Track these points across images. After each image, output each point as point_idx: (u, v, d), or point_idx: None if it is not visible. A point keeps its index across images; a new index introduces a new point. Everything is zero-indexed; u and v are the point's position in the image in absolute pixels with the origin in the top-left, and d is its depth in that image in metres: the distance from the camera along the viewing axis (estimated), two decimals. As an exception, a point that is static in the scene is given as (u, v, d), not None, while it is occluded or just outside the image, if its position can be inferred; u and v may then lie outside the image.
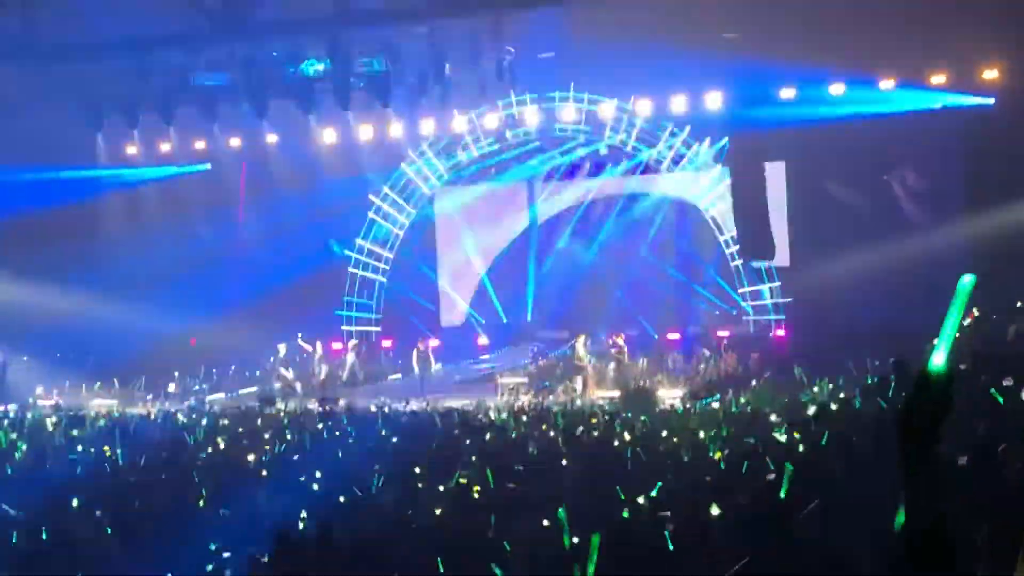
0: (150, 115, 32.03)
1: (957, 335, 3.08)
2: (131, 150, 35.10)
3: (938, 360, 3.03)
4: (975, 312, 23.25)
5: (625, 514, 9.93)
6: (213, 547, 10.43)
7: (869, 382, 19.57)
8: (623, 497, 10.72)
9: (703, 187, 32.40)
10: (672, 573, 7.78)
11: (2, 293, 30.81)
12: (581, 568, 7.55)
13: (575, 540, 8.12)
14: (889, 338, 26.82)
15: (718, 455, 13.40)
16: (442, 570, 8.51)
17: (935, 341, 3.06)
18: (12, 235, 30.67)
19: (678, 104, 31.30)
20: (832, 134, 29.23)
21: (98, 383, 32.61)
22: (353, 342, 33.71)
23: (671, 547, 7.96)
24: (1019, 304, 22.56)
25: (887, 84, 28.92)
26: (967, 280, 3.08)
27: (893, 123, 28.88)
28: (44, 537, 10.99)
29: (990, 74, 27.91)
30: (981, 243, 26.92)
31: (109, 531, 11.14)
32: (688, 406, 23.57)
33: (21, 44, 27.45)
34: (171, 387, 32.76)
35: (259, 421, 23.27)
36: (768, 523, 7.87)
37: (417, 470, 13.75)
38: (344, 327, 35.81)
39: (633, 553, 8.41)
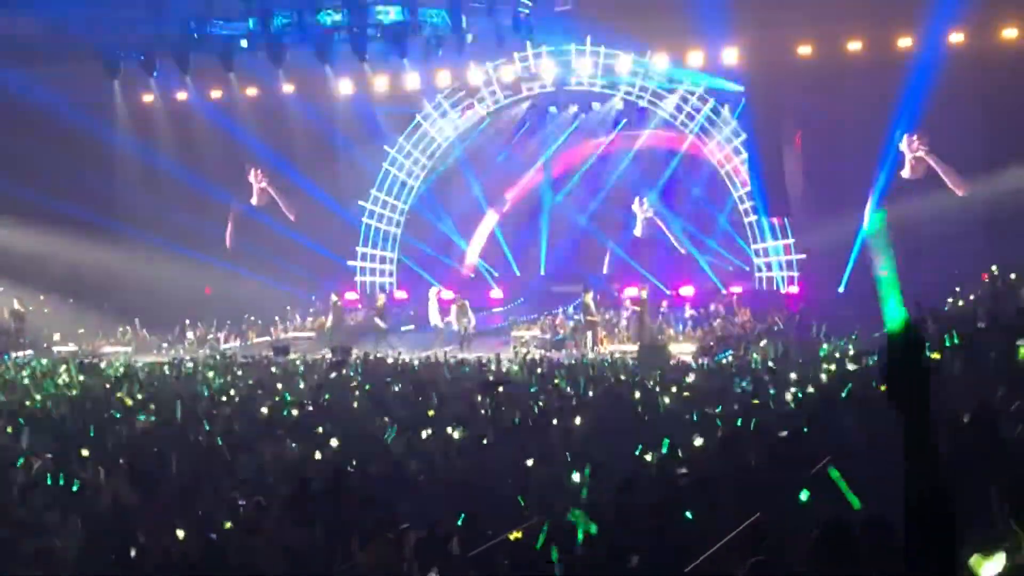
0: (167, 63, 31.95)
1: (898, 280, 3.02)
2: (147, 98, 35.06)
3: (892, 318, 2.98)
4: (994, 270, 23.20)
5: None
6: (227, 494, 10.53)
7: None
8: (637, 452, 10.79)
9: (718, 142, 32.26)
10: (682, 528, 7.84)
11: (18, 239, 30.94)
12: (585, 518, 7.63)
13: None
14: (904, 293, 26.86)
15: (733, 410, 13.44)
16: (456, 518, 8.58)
17: (883, 300, 2.99)
18: (28, 182, 30.74)
19: (695, 59, 31.11)
20: (847, 92, 29.06)
21: (115, 330, 32.86)
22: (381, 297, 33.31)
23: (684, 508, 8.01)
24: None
25: (905, 43, 28.64)
26: (875, 220, 3.00)
27: (908, 80, 28.69)
28: (61, 482, 11.12)
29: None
30: (998, 202, 26.84)
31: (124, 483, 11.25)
32: (701, 361, 23.64)
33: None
34: (189, 336, 32.96)
35: (273, 370, 23.44)
36: (773, 482, 7.94)
37: (429, 421, 13.85)
38: (358, 278, 35.94)
39: (643, 508, 8.48)
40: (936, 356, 13.47)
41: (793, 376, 17.30)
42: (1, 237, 30.72)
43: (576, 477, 9.74)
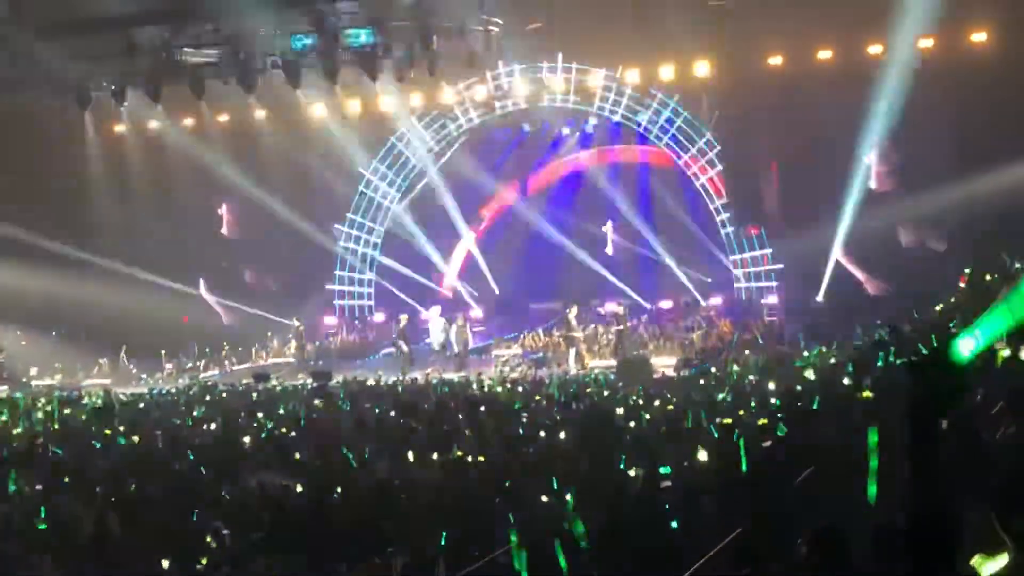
0: (138, 92, 31.84)
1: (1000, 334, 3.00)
2: (119, 128, 34.96)
3: (966, 347, 2.93)
4: (967, 272, 23.32)
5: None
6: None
7: (860, 347, 19.69)
8: (622, 467, 10.78)
9: (693, 155, 32.34)
10: (669, 544, 7.83)
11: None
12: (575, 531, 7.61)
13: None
14: (880, 304, 27.05)
15: (715, 423, 13.42)
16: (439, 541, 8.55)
17: (968, 328, 2.96)
18: (1, 216, 30.65)
19: (667, 72, 31.23)
20: (820, 100, 29.27)
21: (94, 362, 32.70)
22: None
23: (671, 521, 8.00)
24: (1018, 265, 22.56)
25: (875, 49, 28.80)
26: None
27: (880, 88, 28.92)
28: (43, 514, 11.03)
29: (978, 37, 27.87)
30: (973, 206, 26.96)
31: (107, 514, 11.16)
32: (682, 373, 23.66)
33: (7, 24, 27.30)
34: (168, 366, 32.84)
35: (254, 397, 23.34)
36: (759, 493, 7.93)
37: (412, 443, 13.78)
38: (336, 301, 35.88)
39: (631, 522, 8.47)
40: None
41: (773, 386, 17.31)
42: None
43: (567, 496, 9.71)
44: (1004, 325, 2.89)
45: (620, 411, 15.80)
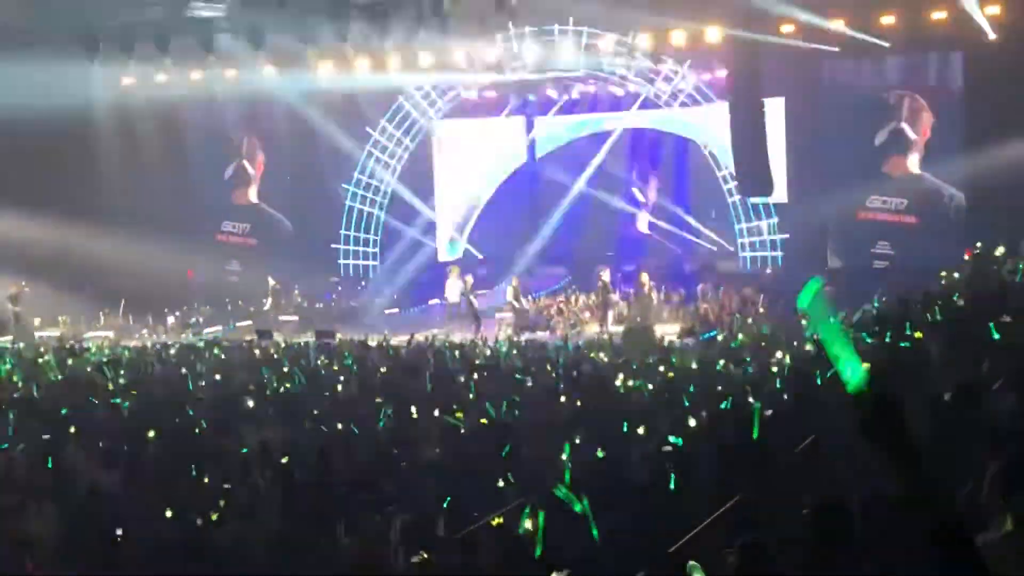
0: (146, 45, 31.69)
1: (848, 339, 2.94)
2: (127, 80, 34.79)
3: (853, 378, 2.88)
4: (977, 246, 23.21)
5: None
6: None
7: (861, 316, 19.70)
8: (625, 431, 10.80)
9: (701, 122, 32.22)
10: (667, 510, 7.84)
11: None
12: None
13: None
14: (887, 273, 27.03)
15: (717, 390, 13.44)
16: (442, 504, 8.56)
17: (834, 367, 2.92)
18: (11, 166, 30.62)
19: (678, 37, 31.00)
20: (832, 70, 29.10)
21: (98, 314, 32.71)
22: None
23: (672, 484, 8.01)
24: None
25: (887, 20, 28.52)
26: (808, 289, 2.92)
27: (893, 60, 28.73)
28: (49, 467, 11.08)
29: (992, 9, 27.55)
30: (980, 179, 26.87)
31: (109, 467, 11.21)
32: (687, 342, 23.65)
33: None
34: (171, 320, 32.86)
35: (256, 354, 23.35)
36: (753, 462, 7.93)
37: (414, 405, 13.80)
38: (341, 261, 35.88)
39: (629, 487, 8.48)
40: (918, 335, 13.52)
41: (778, 355, 17.29)
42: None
43: (562, 457, 9.72)
44: (841, 339, 2.83)
45: (620, 377, 15.79)
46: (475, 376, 16.78)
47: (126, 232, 31.79)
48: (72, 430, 13.05)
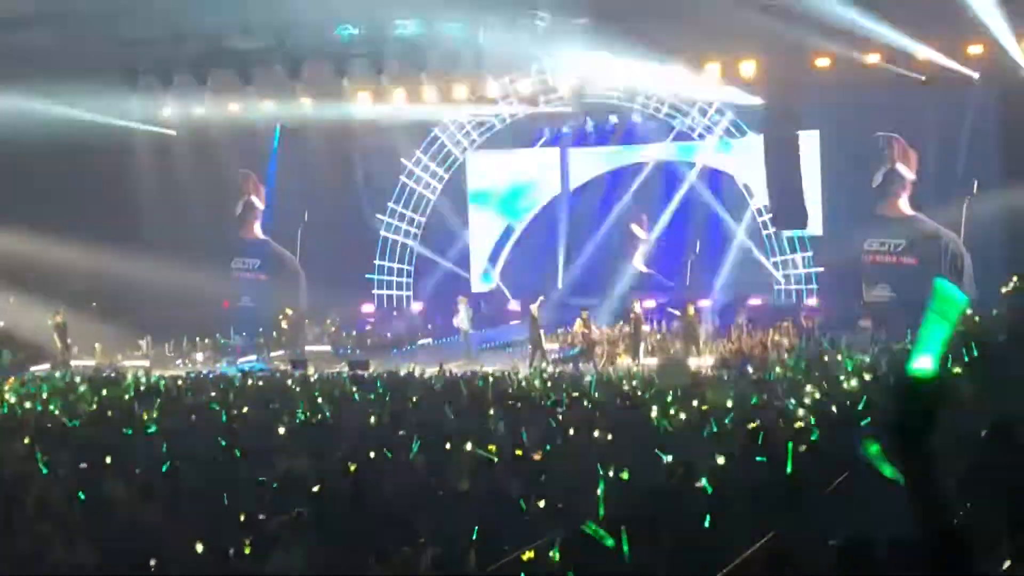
0: (184, 77, 32.07)
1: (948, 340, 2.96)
2: (166, 112, 35.15)
3: (924, 364, 2.91)
4: (1015, 279, 23.06)
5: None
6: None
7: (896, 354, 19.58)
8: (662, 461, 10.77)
9: (736, 154, 32.21)
10: (700, 543, 7.81)
11: (38, 250, 30.89)
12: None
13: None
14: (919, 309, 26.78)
15: (751, 425, 13.36)
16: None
17: (917, 347, 2.94)
18: (50, 194, 31.00)
19: (712, 70, 31.01)
20: (867, 103, 29.00)
21: (133, 343, 32.91)
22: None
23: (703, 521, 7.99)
24: None
25: (925, 53, 28.42)
26: (951, 289, 2.95)
27: (929, 94, 28.56)
28: (81, 497, 11.13)
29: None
30: (1018, 214, 26.67)
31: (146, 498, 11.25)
32: (720, 374, 23.53)
33: (60, 12, 27.56)
34: (203, 350, 33.04)
35: (290, 383, 23.43)
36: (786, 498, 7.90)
37: (446, 436, 13.80)
38: (375, 291, 36.02)
39: (664, 520, 8.45)
40: (957, 370, 13.41)
41: (811, 390, 17.20)
42: (22, 249, 30.67)
43: (596, 491, 9.71)
44: (944, 332, 2.85)
45: (655, 410, 15.74)
46: (507, 407, 16.77)
47: (163, 261, 32.01)
48: (108, 460, 13.12)
